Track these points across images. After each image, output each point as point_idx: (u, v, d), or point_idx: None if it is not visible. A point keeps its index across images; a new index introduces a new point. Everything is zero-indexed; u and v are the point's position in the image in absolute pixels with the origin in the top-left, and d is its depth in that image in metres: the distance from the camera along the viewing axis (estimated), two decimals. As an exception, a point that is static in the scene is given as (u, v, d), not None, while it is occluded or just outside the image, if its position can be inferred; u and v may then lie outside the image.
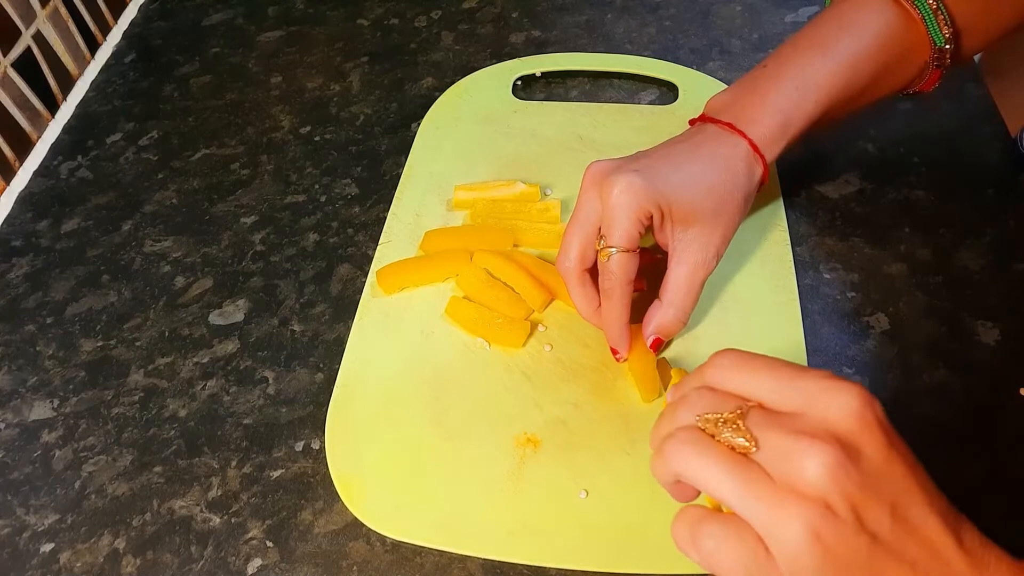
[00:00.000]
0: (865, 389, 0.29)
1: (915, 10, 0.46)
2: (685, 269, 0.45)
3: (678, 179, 0.44)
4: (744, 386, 0.31)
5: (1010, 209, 0.53)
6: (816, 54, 0.47)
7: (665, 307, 0.45)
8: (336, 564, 0.42)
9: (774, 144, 0.46)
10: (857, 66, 0.46)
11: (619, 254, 0.43)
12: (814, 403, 0.29)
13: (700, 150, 0.46)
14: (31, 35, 0.65)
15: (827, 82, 0.46)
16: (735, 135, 0.46)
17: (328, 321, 0.52)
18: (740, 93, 0.48)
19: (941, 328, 0.48)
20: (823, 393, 0.29)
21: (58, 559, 0.43)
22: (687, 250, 0.45)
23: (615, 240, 0.43)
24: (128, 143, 0.65)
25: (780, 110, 0.46)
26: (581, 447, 0.44)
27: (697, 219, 0.44)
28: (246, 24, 0.75)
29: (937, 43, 0.47)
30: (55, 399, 0.50)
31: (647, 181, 0.43)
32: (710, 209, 0.45)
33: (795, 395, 0.30)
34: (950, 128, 0.58)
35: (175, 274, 0.56)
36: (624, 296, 0.44)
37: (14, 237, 0.59)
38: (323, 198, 0.59)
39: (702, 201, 0.44)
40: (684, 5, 0.70)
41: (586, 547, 0.40)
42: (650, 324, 0.46)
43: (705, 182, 0.45)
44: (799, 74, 0.46)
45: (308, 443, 0.46)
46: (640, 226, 0.43)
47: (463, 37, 0.70)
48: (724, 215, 0.45)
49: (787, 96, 0.46)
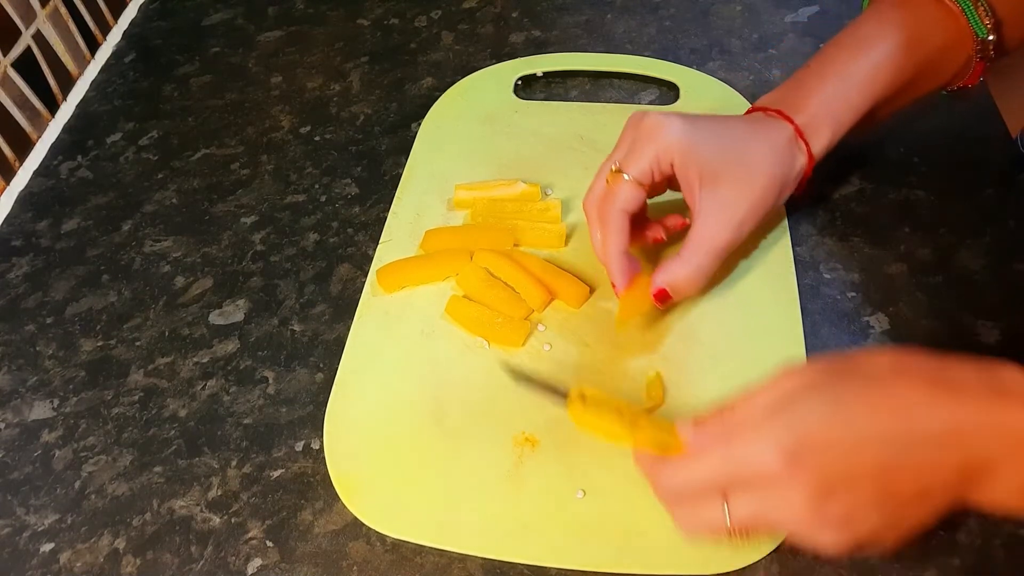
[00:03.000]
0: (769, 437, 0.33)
1: (954, 4, 0.46)
2: (708, 228, 0.45)
3: (716, 138, 0.45)
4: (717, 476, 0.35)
5: (1010, 209, 0.53)
6: (858, 52, 0.47)
7: (681, 262, 0.45)
8: (336, 564, 0.42)
9: (820, 135, 0.47)
10: (898, 63, 0.47)
11: (627, 182, 0.44)
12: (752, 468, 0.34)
13: (747, 125, 0.47)
14: (31, 35, 0.65)
15: (870, 78, 0.47)
16: (781, 120, 0.47)
17: (328, 321, 0.52)
18: (786, 91, 0.49)
19: (941, 328, 0.48)
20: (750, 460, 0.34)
21: (58, 559, 0.43)
22: (711, 209, 0.45)
23: (629, 168, 0.44)
24: (128, 143, 0.65)
25: (825, 104, 0.47)
26: (579, 447, 0.44)
27: (725, 180, 0.45)
28: (246, 24, 0.75)
29: (980, 35, 0.47)
30: (55, 399, 0.50)
31: (683, 129, 0.44)
32: (741, 174, 0.45)
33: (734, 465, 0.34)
34: (950, 128, 0.58)
35: (175, 274, 0.56)
36: (621, 221, 0.45)
37: (14, 237, 0.59)
38: (323, 198, 0.59)
39: (734, 164, 0.45)
40: (684, 5, 0.70)
41: (583, 547, 0.41)
42: (661, 273, 0.46)
43: (742, 149, 0.45)
44: (842, 71, 0.47)
45: (308, 443, 0.46)
46: (658, 165, 0.44)
47: (463, 37, 0.70)
48: (756, 186, 0.45)
49: (832, 92, 0.47)
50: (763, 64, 0.64)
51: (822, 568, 0.40)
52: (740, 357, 0.47)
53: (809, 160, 0.47)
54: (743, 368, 0.46)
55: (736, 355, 0.47)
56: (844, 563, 0.40)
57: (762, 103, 0.49)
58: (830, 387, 0.34)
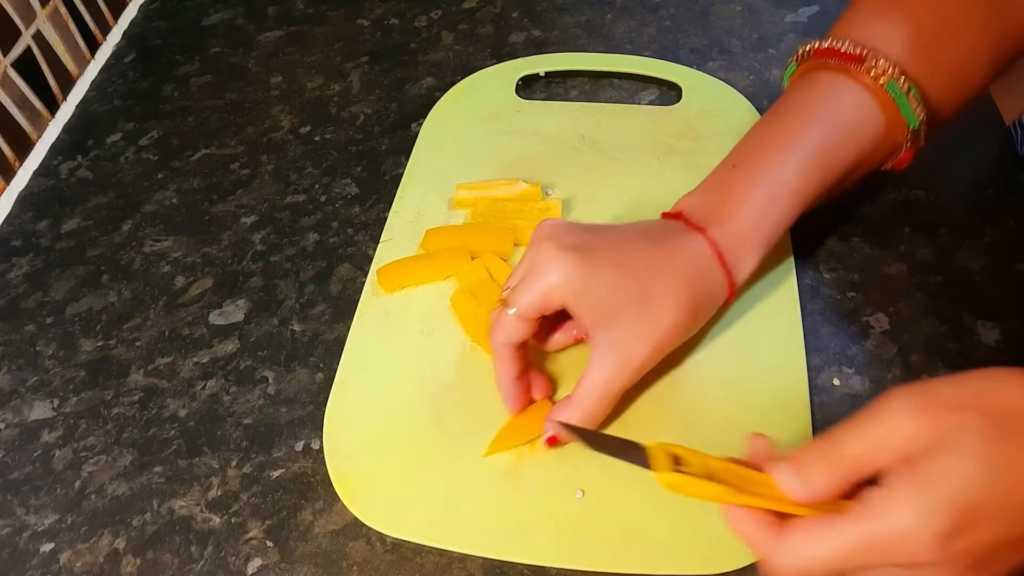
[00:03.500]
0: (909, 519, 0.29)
1: (886, 94, 0.43)
2: (601, 373, 0.41)
3: (615, 276, 0.40)
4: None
5: (1010, 209, 0.53)
6: (786, 149, 0.43)
7: (572, 407, 0.41)
8: (336, 564, 0.42)
9: (745, 258, 0.43)
10: (829, 160, 0.43)
11: (510, 316, 0.41)
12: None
13: (658, 241, 0.42)
14: (31, 35, 0.65)
15: (802, 183, 0.43)
16: (702, 239, 0.42)
17: (328, 321, 0.52)
18: (711, 198, 0.44)
19: (941, 328, 0.48)
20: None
21: (58, 559, 0.43)
22: (606, 352, 0.41)
23: (515, 302, 0.40)
24: (128, 143, 0.65)
25: (755, 220, 0.43)
26: (578, 447, 0.44)
27: (622, 322, 0.40)
28: (246, 24, 0.75)
29: (911, 125, 0.44)
30: (55, 399, 0.50)
31: (576, 266, 0.39)
32: (641, 316, 0.40)
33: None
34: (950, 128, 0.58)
35: (175, 274, 0.56)
36: (507, 355, 0.42)
37: (14, 237, 0.59)
38: (323, 198, 0.59)
39: (633, 305, 0.40)
40: (684, 5, 0.70)
41: (583, 546, 0.41)
42: (552, 417, 0.42)
43: (645, 287, 0.41)
44: (771, 176, 0.43)
45: (308, 443, 0.46)
46: (545, 306, 0.40)
47: (463, 37, 0.70)
48: (658, 328, 0.41)
49: (759, 205, 0.43)
50: (763, 64, 0.64)
51: (822, 568, 0.40)
52: (740, 357, 0.47)
53: (730, 289, 0.43)
54: (743, 369, 0.46)
55: (736, 355, 0.47)
56: (844, 563, 0.40)
57: (686, 210, 0.44)
58: (975, 444, 0.29)
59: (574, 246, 0.40)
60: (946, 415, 0.29)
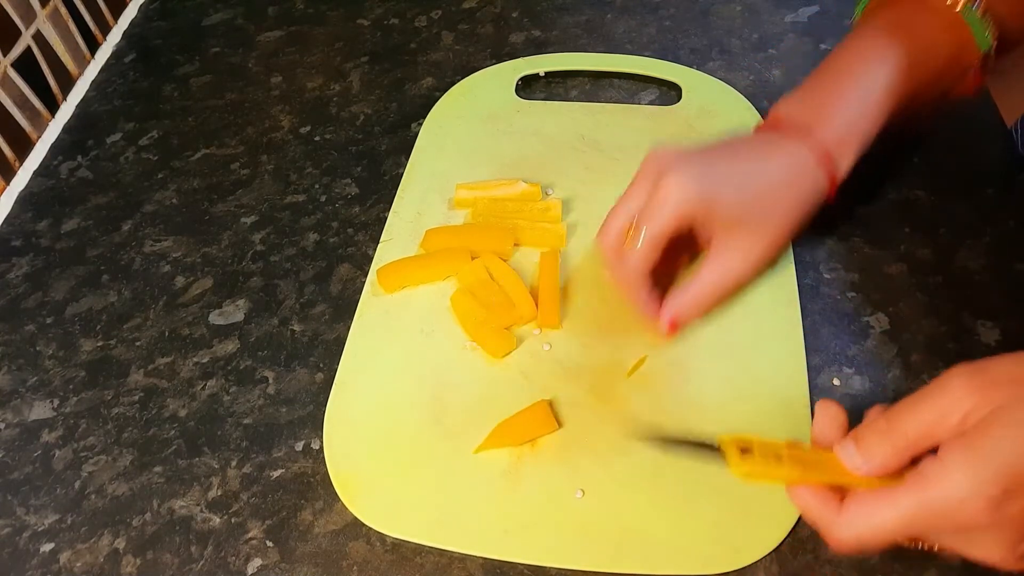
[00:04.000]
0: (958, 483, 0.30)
1: (959, 18, 0.46)
2: (718, 272, 0.45)
3: (733, 182, 0.44)
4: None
5: (1010, 209, 0.53)
6: (871, 64, 0.46)
7: (687, 295, 0.46)
8: (336, 564, 0.42)
9: (846, 155, 0.46)
10: (912, 75, 0.46)
11: (644, 244, 0.44)
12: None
13: (766, 155, 0.46)
14: (31, 35, 0.65)
15: (889, 90, 0.46)
16: (804, 147, 0.45)
17: (328, 321, 0.52)
18: (807, 102, 0.47)
19: (941, 328, 0.48)
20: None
21: (58, 559, 0.43)
22: (725, 254, 0.45)
23: (648, 230, 0.43)
24: (128, 143, 0.65)
25: (851, 121, 0.45)
26: (578, 447, 0.44)
27: (742, 225, 0.44)
28: (246, 24, 0.75)
29: (983, 48, 0.47)
30: (55, 399, 0.50)
31: (699, 184, 0.43)
32: (759, 216, 0.44)
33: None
34: (950, 128, 0.58)
35: (175, 274, 0.56)
36: (642, 279, 0.45)
37: (14, 237, 0.59)
38: (323, 198, 0.59)
39: (752, 207, 0.44)
40: (684, 5, 0.70)
41: (583, 546, 0.41)
42: (668, 308, 0.46)
43: (761, 188, 0.44)
44: (859, 84, 0.46)
45: (308, 443, 0.46)
46: (676, 223, 0.43)
47: (463, 37, 0.70)
48: (774, 224, 0.45)
49: (853, 108, 0.46)
50: (763, 64, 0.64)
51: (822, 568, 0.40)
52: (740, 357, 0.47)
53: (832, 185, 0.46)
54: (743, 368, 0.46)
55: (736, 355, 0.47)
56: (844, 563, 0.40)
57: (784, 112, 0.48)
58: (1021, 406, 0.30)
59: (692, 171, 0.43)
60: (1001, 390, 0.31)
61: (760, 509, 0.41)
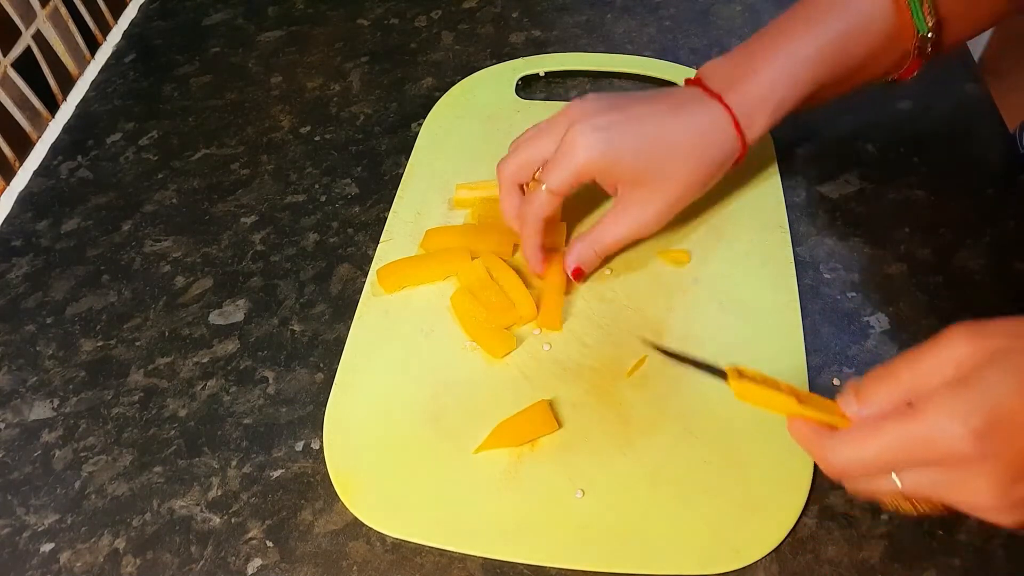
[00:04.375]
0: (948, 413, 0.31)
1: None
2: (622, 224, 0.48)
3: (639, 145, 0.46)
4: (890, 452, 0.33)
5: (1010, 209, 0.53)
6: (808, 30, 0.47)
7: (588, 243, 0.49)
8: (336, 564, 0.42)
9: (758, 119, 0.47)
10: (846, 46, 0.47)
11: (546, 192, 0.46)
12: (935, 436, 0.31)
13: (677, 117, 0.47)
14: (31, 35, 0.65)
15: (817, 58, 0.47)
16: (720, 108, 0.47)
17: (328, 321, 0.52)
18: (733, 65, 0.48)
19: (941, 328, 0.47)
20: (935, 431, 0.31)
21: (58, 559, 0.43)
22: (629, 208, 0.48)
23: (549, 179, 0.46)
24: (128, 143, 0.65)
25: (771, 84, 0.47)
26: (578, 447, 0.44)
27: (644, 184, 0.47)
28: (246, 24, 0.75)
29: (920, 31, 0.47)
30: (55, 399, 0.50)
31: (605, 145, 0.45)
32: (662, 175, 0.46)
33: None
34: (950, 128, 0.58)
35: (175, 274, 0.56)
36: (538, 226, 0.48)
37: (14, 237, 0.59)
38: (323, 198, 0.59)
39: (654, 166, 0.46)
40: (684, 5, 0.70)
41: (582, 546, 0.41)
42: (571, 254, 0.49)
43: (667, 147, 0.46)
44: (791, 48, 0.47)
45: (308, 443, 0.46)
46: (578, 182, 0.46)
47: (463, 37, 0.70)
48: (677, 184, 0.47)
49: (778, 71, 0.47)
50: (763, 64, 0.64)
51: (822, 568, 0.40)
52: (739, 357, 0.47)
53: (743, 149, 0.47)
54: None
55: (735, 355, 0.47)
56: (844, 563, 0.40)
57: (706, 75, 0.49)
58: (1017, 354, 0.31)
59: (602, 126, 0.45)
60: (997, 340, 0.32)
61: (760, 510, 0.41)
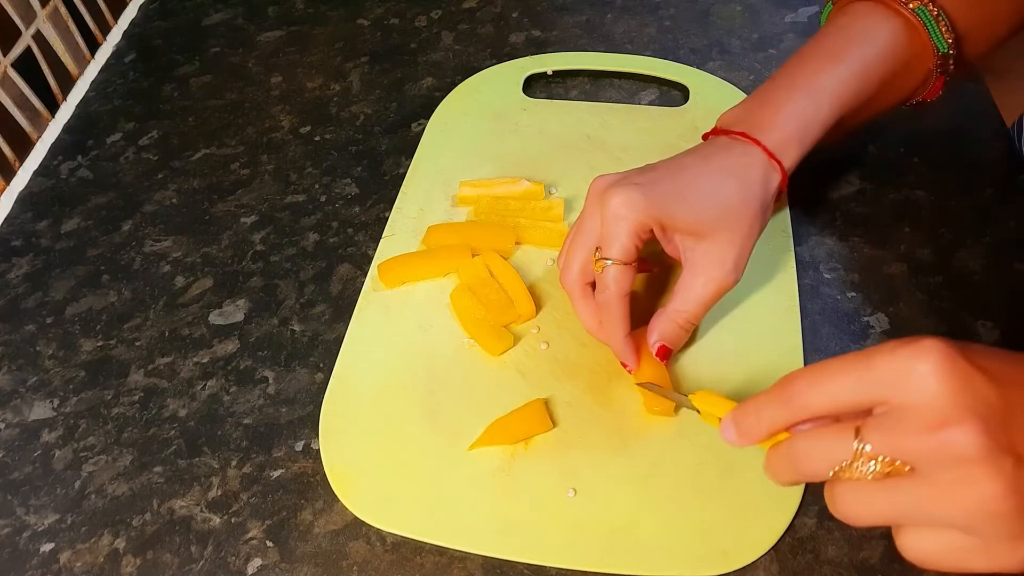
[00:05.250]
0: (930, 347, 0.29)
1: (916, 18, 0.46)
2: (700, 281, 0.44)
3: (681, 193, 0.43)
4: (831, 403, 0.31)
5: (1010, 209, 0.53)
6: (826, 63, 0.46)
7: (671, 315, 0.44)
8: (336, 564, 0.42)
9: (790, 150, 0.45)
10: (866, 75, 0.46)
11: (614, 266, 0.43)
12: (906, 392, 0.30)
13: (710, 162, 0.45)
14: (31, 35, 0.65)
15: (839, 90, 0.46)
16: (748, 143, 0.45)
17: (328, 321, 0.52)
18: (752, 106, 0.47)
19: (941, 328, 0.48)
20: (905, 382, 0.29)
21: (58, 559, 0.43)
22: (701, 263, 0.44)
23: (610, 252, 0.43)
24: (128, 143, 0.65)
25: (795, 117, 0.46)
26: (572, 446, 0.44)
27: (707, 232, 0.43)
28: (246, 24, 0.75)
29: (940, 50, 0.47)
30: (55, 399, 0.50)
31: (646, 195, 0.42)
32: (721, 221, 0.44)
33: (881, 391, 0.30)
34: (950, 128, 0.58)
35: (175, 274, 0.56)
36: (620, 307, 0.44)
37: (14, 237, 0.59)
38: (323, 198, 0.59)
39: (710, 213, 0.43)
40: (684, 5, 0.70)
41: (575, 545, 0.41)
42: (654, 332, 0.45)
43: (714, 194, 0.44)
44: (810, 83, 0.46)
45: (308, 443, 0.46)
46: (637, 239, 0.43)
47: (463, 37, 0.70)
48: (739, 227, 0.44)
49: (800, 104, 0.46)
50: (763, 64, 0.64)
51: (822, 568, 0.40)
52: (739, 357, 0.47)
53: (783, 177, 0.46)
54: (742, 369, 0.46)
55: (735, 355, 0.47)
56: (844, 563, 0.40)
57: (725, 123, 0.48)
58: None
59: (639, 183, 0.43)
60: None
61: (752, 514, 0.41)
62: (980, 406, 0.29)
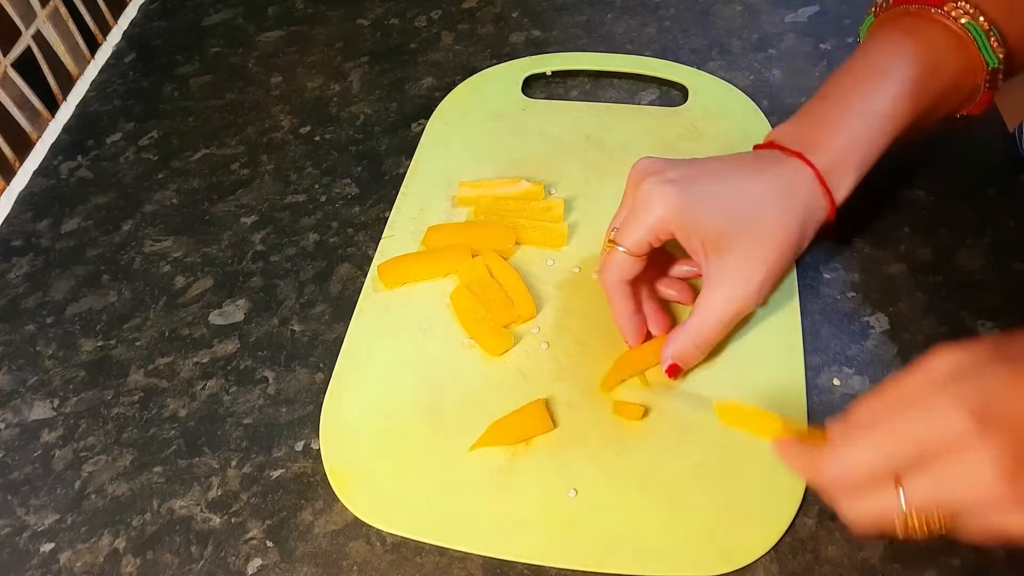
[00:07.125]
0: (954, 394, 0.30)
1: (966, 33, 0.44)
2: (718, 298, 0.42)
3: (720, 201, 0.42)
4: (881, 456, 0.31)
5: (1010, 209, 0.53)
6: (877, 84, 0.44)
7: (687, 332, 0.43)
8: (336, 564, 0.42)
9: (844, 179, 0.44)
10: (918, 93, 0.44)
11: (620, 254, 0.42)
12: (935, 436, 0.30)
13: (758, 172, 0.43)
14: (31, 35, 0.65)
15: (891, 113, 0.44)
16: (801, 162, 0.43)
17: (328, 321, 0.52)
18: (804, 125, 0.45)
19: (941, 328, 0.48)
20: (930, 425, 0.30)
21: (58, 559, 0.43)
22: (720, 278, 0.42)
23: (624, 241, 0.42)
24: (128, 143, 0.65)
25: (852, 143, 0.44)
26: (573, 446, 0.44)
27: (733, 247, 0.42)
28: (246, 24, 0.75)
29: (991, 65, 0.45)
30: (55, 399, 0.50)
31: (680, 197, 0.41)
32: (751, 240, 0.42)
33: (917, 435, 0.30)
34: (950, 128, 0.58)
35: (175, 274, 0.56)
36: (622, 292, 0.44)
37: (14, 237, 0.59)
38: (323, 198, 0.59)
39: (742, 229, 0.41)
40: (684, 5, 0.70)
41: (576, 545, 0.41)
42: (668, 347, 0.44)
43: (751, 210, 0.42)
44: (863, 106, 0.44)
45: (308, 443, 0.46)
46: (654, 239, 0.42)
47: (463, 37, 0.70)
48: (772, 246, 0.42)
49: (855, 128, 0.44)
50: (763, 64, 0.64)
51: (822, 568, 0.40)
52: (738, 357, 0.47)
53: (831, 208, 0.44)
54: (740, 369, 0.46)
55: (734, 355, 0.47)
56: (844, 563, 0.40)
57: (778, 138, 0.46)
58: (1007, 359, 0.30)
59: (675, 179, 0.41)
60: (982, 349, 0.31)
61: (753, 514, 0.41)
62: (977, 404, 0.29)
